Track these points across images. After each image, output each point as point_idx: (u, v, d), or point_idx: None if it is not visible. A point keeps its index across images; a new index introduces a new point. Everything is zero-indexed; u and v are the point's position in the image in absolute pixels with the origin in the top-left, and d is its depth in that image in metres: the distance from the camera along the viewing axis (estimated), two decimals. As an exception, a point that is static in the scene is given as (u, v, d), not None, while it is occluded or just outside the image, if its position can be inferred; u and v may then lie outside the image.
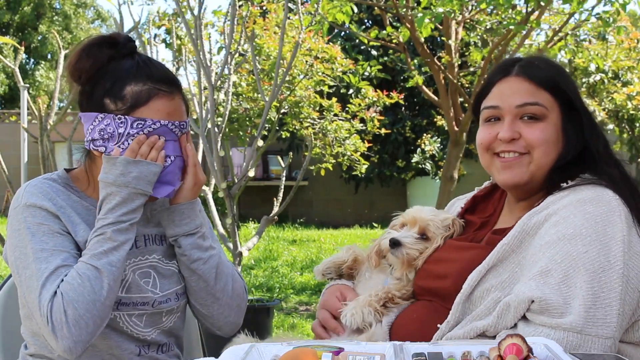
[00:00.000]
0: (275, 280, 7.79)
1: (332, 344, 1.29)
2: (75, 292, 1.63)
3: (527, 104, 1.71)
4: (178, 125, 1.79)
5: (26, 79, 22.25)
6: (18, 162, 10.28)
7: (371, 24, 12.00)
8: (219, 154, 4.70)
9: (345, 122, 6.85)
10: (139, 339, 1.83)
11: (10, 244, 1.75)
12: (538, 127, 1.71)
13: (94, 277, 1.65)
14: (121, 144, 1.74)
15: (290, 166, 11.56)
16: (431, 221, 1.81)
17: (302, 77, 6.25)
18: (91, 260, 1.68)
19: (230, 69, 4.84)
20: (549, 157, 1.71)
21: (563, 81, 1.74)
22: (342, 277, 1.96)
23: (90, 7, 28.90)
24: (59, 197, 1.78)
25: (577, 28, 7.75)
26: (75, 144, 4.53)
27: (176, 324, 1.93)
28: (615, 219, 1.55)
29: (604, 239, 1.53)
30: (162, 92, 1.77)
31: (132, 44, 1.83)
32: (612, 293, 1.48)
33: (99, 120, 1.76)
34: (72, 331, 1.62)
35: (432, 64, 7.12)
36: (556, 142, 1.72)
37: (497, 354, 1.19)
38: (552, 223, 1.58)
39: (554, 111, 1.72)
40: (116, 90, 1.75)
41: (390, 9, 7.06)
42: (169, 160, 1.78)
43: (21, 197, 1.76)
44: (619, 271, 1.50)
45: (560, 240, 1.54)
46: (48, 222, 1.73)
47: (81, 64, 1.78)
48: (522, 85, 1.73)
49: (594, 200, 1.59)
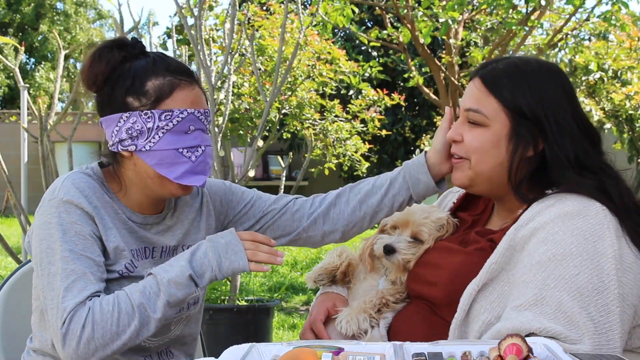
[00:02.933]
0: (276, 280, 7.79)
1: (332, 344, 1.29)
2: (103, 317, 1.62)
3: (470, 110, 1.69)
4: (203, 113, 1.78)
5: (26, 79, 22.24)
6: (18, 162, 10.26)
7: (372, 24, 12.00)
8: (219, 154, 4.70)
9: (346, 122, 6.86)
10: (144, 348, 1.82)
11: (37, 235, 1.72)
12: (476, 133, 1.68)
13: (125, 311, 1.64)
14: (152, 138, 1.73)
15: (290, 166, 11.57)
16: (424, 225, 1.78)
17: (303, 78, 6.25)
18: (133, 295, 1.66)
19: (230, 69, 4.85)
20: (485, 165, 1.67)
21: (513, 87, 1.65)
22: (335, 282, 1.93)
23: (91, 8, 28.90)
24: (95, 196, 1.75)
25: (577, 28, 7.75)
26: (76, 144, 4.55)
27: (184, 332, 1.92)
28: (605, 233, 1.51)
29: (595, 257, 1.48)
30: (184, 82, 1.76)
31: (141, 44, 1.82)
32: (612, 316, 1.44)
33: (124, 119, 1.74)
34: (80, 347, 1.62)
35: (433, 64, 7.12)
36: (495, 151, 1.66)
37: (497, 354, 1.19)
38: (540, 239, 1.54)
39: (498, 120, 1.66)
40: (137, 87, 1.74)
41: (390, 9, 7.06)
42: (200, 150, 1.77)
43: (59, 190, 1.73)
44: (614, 292, 1.46)
45: (550, 262, 1.49)
46: (81, 222, 1.70)
47: (95, 67, 1.76)
48: (475, 88, 1.70)
49: (580, 213, 1.53)
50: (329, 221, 1.97)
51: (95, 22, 29.51)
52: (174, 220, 1.89)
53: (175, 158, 1.74)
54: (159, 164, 1.74)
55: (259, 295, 6.81)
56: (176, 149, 1.73)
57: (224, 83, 5.26)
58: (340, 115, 6.89)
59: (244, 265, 1.71)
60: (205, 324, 4.30)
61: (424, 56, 7.14)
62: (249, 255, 1.72)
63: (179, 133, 1.74)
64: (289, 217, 1.98)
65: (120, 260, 1.75)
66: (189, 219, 1.91)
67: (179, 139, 1.74)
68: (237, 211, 1.99)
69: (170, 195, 1.81)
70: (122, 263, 1.76)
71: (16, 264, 4.52)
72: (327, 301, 1.87)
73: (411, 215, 1.81)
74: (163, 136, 1.73)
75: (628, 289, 1.48)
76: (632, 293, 1.49)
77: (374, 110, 7.12)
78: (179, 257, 1.72)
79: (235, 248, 1.71)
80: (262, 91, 5.05)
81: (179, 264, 1.69)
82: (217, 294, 4.91)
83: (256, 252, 1.72)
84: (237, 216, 1.99)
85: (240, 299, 4.95)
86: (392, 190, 1.91)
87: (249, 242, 1.73)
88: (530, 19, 6.54)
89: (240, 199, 2.00)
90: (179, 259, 1.71)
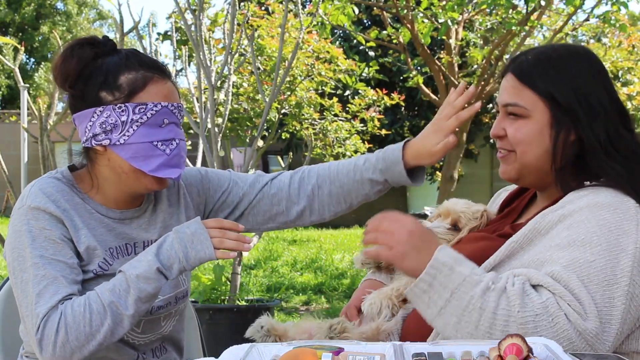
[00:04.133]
0: (276, 280, 7.79)
1: (332, 344, 1.29)
2: (75, 319, 1.62)
3: (508, 104, 1.70)
4: (177, 107, 1.78)
5: (26, 80, 22.25)
6: (18, 162, 10.29)
7: (370, 24, 12.00)
8: (219, 154, 4.70)
9: (346, 122, 6.86)
10: (135, 344, 1.83)
11: (9, 244, 1.73)
12: (518, 125, 1.69)
13: (97, 312, 1.64)
14: (126, 131, 1.73)
15: (290, 166, 11.57)
16: (463, 213, 1.85)
17: (303, 78, 6.25)
18: (104, 295, 1.66)
19: (230, 69, 4.85)
20: (531, 155, 1.68)
21: (544, 76, 1.68)
22: (381, 268, 1.97)
23: (92, 8, 28.90)
24: (63, 199, 1.75)
25: (576, 29, 7.75)
26: (76, 144, 4.54)
27: (175, 328, 1.92)
28: (631, 229, 1.50)
29: (614, 249, 1.48)
30: (157, 76, 1.76)
31: (112, 42, 1.84)
32: (615, 310, 1.44)
33: (98, 114, 1.74)
34: (56, 351, 1.62)
35: (432, 64, 7.13)
36: (539, 140, 1.67)
37: (497, 354, 1.19)
38: (565, 225, 1.55)
39: (538, 109, 1.67)
40: (110, 81, 1.74)
41: (389, 9, 7.07)
42: (175, 143, 1.77)
43: (26, 197, 1.74)
44: (624, 287, 1.45)
45: (570, 246, 1.50)
46: (50, 227, 1.70)
47: (67, 64, 1.76)
48: (510, 82, 1.72)
49: (611, 206, 1.54)
50: (315, 212, 1.98)
51: (95, 22, 29.52)
52: (154, 212, 1.89)
53: (150, 151, 1.74)
54: (134, 157, 1.73)
55: (259, 295, 6.81)
56: (151, 142, 1.73)
57: (223, 83, 5.27)
58: (339, 115, 6.89)
59: (210, 254, 1.70)
60: (205, 324, 4.30)
61: (423, 56, 7.14)
62: (215, 243, 1.71)
63: (153, 126, 1.74)
64: (267, 201, 1.97)
65: (93, 260, 1.75)
66: (168, 213, 1.91)
67: (153, 132, 1.74)
68: (216, 199, 1.98)
69: (145, 189, 1.80)
70: (96, 262, 1.75)
71: (16, 264, 4.52)
72: (368, 288, 1.91)
73: (453, 206, 1.88)
74: (137, 129, 1.73)
75: (639, 290, 1.47)
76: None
77: (373, 110, 7.13)
78: (146, 251, 1.71)
79: (200, 237, 1.70)
80: (262, 91, 5.04)
81: (147, 258, 1.68)
82: (217, 294, 4.91)
83: (223, 240, 1.72)
84: (216, 204, 1.99)
85: (240, 299, 4.95)
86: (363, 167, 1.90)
87: (215, 229, 1.72)
88: (531, 19, 6.54)
89: (217, 187, 1.99)
90: (146, 253, 1.70)
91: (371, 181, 1.89)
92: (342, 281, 7.77)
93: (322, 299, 7.25)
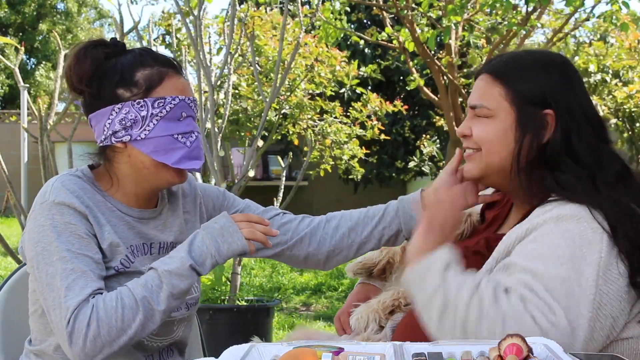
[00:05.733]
0: (275, 280, 7.79)
1: (332, 344, 1.29)
2: (107, 313, 1.62)
3: (475, 107, 1.70)
4: (193, 100, 1.81)
5: (26, 79, 22.25)
6: (18, 162, 10.29)
7: (369, 24, 11.99)
8: (219, 154, 4.70)
9: (346, 126, 6.87)
10: (148, 347, 1.83)
11: (31, 239, 1.72)
12: (483, 124, 1.69)
13: (129, 306, 1.64)
14: (146, 126, 1.74)
15: (290, 166, 11.56)
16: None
17: (302, 79, 6.25)
18: (136, 290, 1.66)
19: (230, 69, 4.85)
20: (496, 154, 1.67)
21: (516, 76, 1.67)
22: (373, 277, 1.98)
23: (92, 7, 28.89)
24: (86, 196, 1.75)
25: (576, 29, 7.75)
26: (76, 144, 4.54)
27: (184, 333, 1.93)
28: (596, 239, 1.49)
29: (578, 260, 1.47)
30: (171, 71, 1.79)
31: (123, 43, 1.86)
32: (581, 319, 1.44)
33: (117, 111, 1.75)
34: (87, 345, 1.62)
35: (432, 64, 7.13)
36: (503, 140, 1.66)
37: (497, 354, 1.19)
38: (530, 239, 1.54)
39: (502, 109, 1.66)
40: (127, 78, 1.76)
41: (389, 9, 7.07)
42: (194, 136, 1.79)
43: (49, 193, 1.73)
44: (589, 297, 1.45)
45: (535, 259, 1.49)
46: (75, 221, 1.70)
47: (81, 65, 1.77)
48: (481, 82, 1.72)
49: (574, 217, 1.52)
50: (314, 242, 1.98)
51: (95, 22, 29.50)
52: (170, 215, 1.90)
53: (171, 144, 1.75)
54: (155, 151, 1.75)
55: (259, 295, 6.81)
56: (171, 135, 1.75)
57: (223, 83, 5.27)
58: (339, 117, 6.89)
59: (243, 245, 1.72)
60: (205, 324, 4.30)
61: (424, 57, 7.14)
62: (246, 234, 1.73)
63: (172, 120, 1.76)
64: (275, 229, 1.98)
65: (116, 256, 1.75)
66: (185, 219, 1.92)
67: (173, 125, 1.76)
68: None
69: (167, 184, 1.81)
70: (118, 259, 1.76)
71: (16, 264, 4.53)
72: (361, 292, 1.93)
73: None
74: (158, 123, 1.74)
75: (607, 299, 1.47)
76: (612, 305, 1.47)
77: (375, 118, 7.16)
78: (177, 249, 1.72)
79: (230, 229, 1.72)
80: (262, 92, 5.04)
81: (179, 255, 1.70)
82: (217, 294, 4.91)
83: (253, 231, 1.74)
84: None
85: (240, 299, 4.95)
86: (383, 223, 1.94)
87: (243, 222, 1.75)
88: (531, 19, 6.54)
89: (232, 206, 2.01)
90: (178, 250, 1.72)
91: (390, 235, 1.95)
92: (342, 281, 7.77)
93: (322, 299, 7.26)
